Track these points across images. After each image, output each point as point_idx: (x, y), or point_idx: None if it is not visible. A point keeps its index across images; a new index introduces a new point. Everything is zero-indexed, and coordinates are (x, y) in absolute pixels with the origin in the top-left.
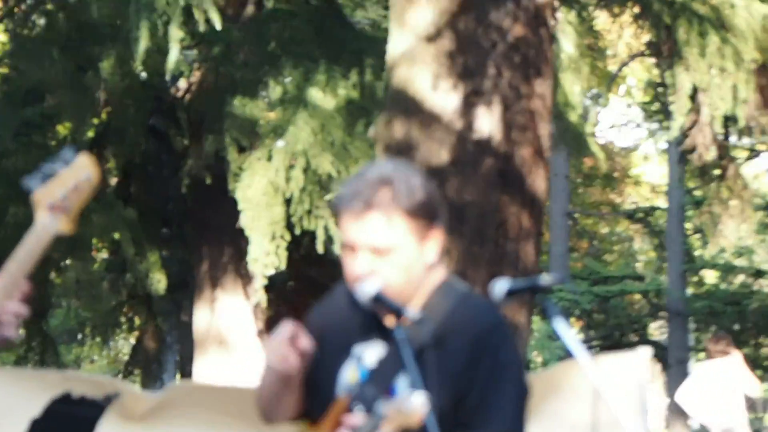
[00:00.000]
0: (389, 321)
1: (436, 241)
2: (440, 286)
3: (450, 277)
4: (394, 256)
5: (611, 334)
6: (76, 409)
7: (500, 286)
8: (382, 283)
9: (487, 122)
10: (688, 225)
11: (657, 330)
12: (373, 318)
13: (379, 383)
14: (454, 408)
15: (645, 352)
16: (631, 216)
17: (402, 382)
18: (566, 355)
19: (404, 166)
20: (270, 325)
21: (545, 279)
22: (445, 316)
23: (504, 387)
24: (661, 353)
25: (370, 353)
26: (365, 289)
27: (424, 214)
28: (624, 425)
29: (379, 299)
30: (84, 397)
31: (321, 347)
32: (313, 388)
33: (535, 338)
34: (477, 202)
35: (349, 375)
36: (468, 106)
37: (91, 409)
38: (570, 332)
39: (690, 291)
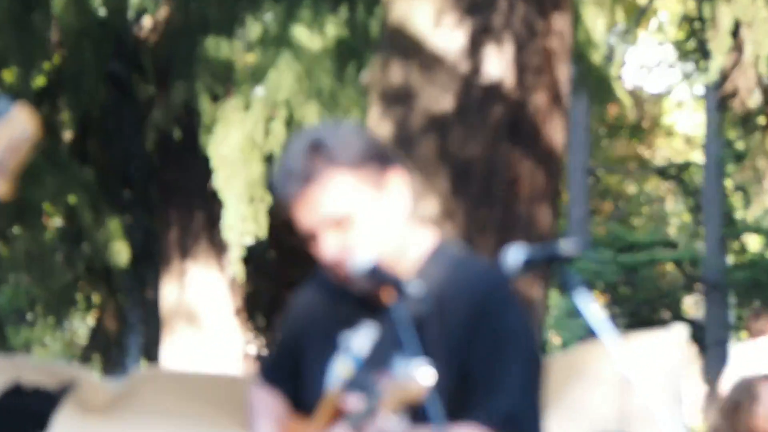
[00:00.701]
0: (383, 297)
1: (398, 183)
2: (434, 252)
3: (445, 240)
4: (358, 219)
5: (639, 310)
6: (27, 401)
7: (513, 253)
8: (372, 257)
9: (497, 64)
10: (727, 182)
11: (692, 305)
12: (359, 300)
13: (377, 369)
14: (458, 388)
15: (680, 329)
16: (662, 173)
17: (400, 360)
18: (588, 334)
19: (331, 123)
20: (248, 301)
21: (564, 246)
22: (440, 284)
23: (509, 359)
24: (697, 332)
25: (360, 340)
26: (358, 266)
27: (370, 157)
28: (656, 415)
29: (376, 273)
30: (36, 387)
31: (305, 340)
32: (300, 385)
33: (552, 316)
34: (484, 158)
35: (340, 368)
36: (475, 46)
37: (44, 402)
38: (593, 308)
39: (730, 260)
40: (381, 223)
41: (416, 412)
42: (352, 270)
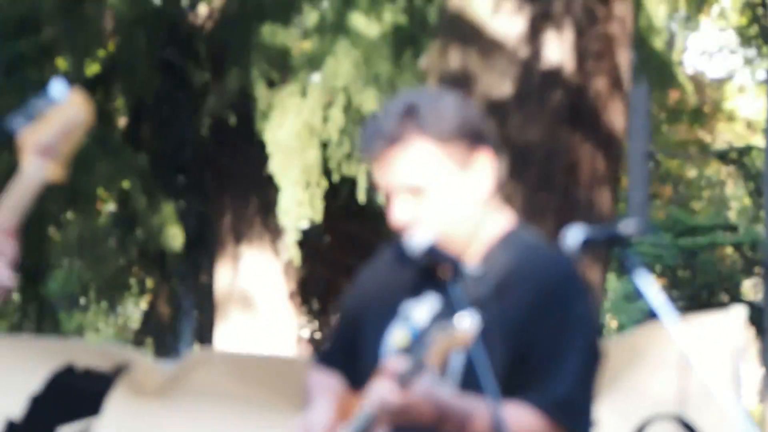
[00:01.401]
0: (443, 274)
1: (484, 165)
2: (506, 235)
3: (518, 225)
4: (434, 193)
5: (699, 293)
6: (82, 382)
7: (573, 234)
8: (434, 234)
9: (557, 50)
10: None
11: (752, 288)
12: (423, 272)
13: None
14: (515, 368)
15: (739, 311)
16: (722, 157)
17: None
18: (645, 318)
19: (434, 90)
20: (302, 286)
21: (625, 227)
22: (508, 268)
23: (570, 347)
24: (755, 315)
25: (420, 311)
26: (416, 242)
27: (461, 134)
28: (715, 398)
29: (432, 252)
30: (89, 369)
31: (368, 313)
32: (359, 358)
33: (609, 299)
34: (544, 142)
35: (398, 336)
36: (535, 32)
37: (99, 383)
38: (653, 290)
39: None
40: (455, 201)
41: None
42: (410, 246)
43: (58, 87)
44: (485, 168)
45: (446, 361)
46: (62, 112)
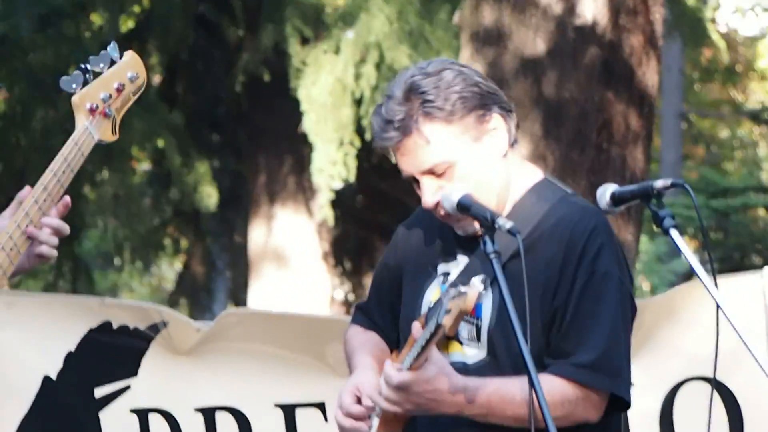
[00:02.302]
0: (476, 229)
1: (498, 129)
2: (535, 187)
3: (548, 176)
4: (455, 169)
5: (731, 255)
6: (118, 339)
7: (607, 191)
8: (465, 189)
9: (591, 5)
10: None
11: None
12: (460, 235)
13: None
14: (548, 323)
15: None
16: (756, 117)
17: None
18: (678, 280)
19: (432, 63)
20: (335, 246)
21: (660, 183)
22: (538, 220)
23: (603, 301)
24: None
25: (455, 271)
26: (449, 198)
27: (469, 108)
28: (750, 358)
29: (464, 205)
30: (126, 326)
31: (406, 270)
32: (401, 315)
33: (641, 261)
34: (577, 100)
35: (433, 295)
36: None
37: (135, 341)
38: (687, 248)
39: None
40: (478, 170)
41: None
42: (445, 203)
43: (112, 48)
44: (498, 131)
45: (459, 322)
46: (117, 72)
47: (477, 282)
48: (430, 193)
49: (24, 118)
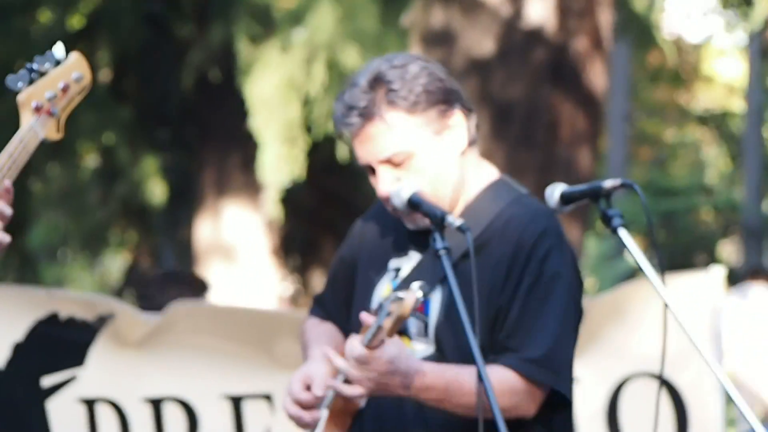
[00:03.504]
0: (428, 225)
1: (458, 126)
2: (490, 187)
3: (504, 177)
4: (413, 160)
5: (676, 254)
6: (65, 331)
7: (555, 190)
8: (417, 187)
9: (539, 7)
10: (767, 131)
11: (729, 252)
12: (413, 231)
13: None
14: (491, 321)
15: (718, 271)
16: (702, 120)
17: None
18: (623, 279)
19: (398, 56)
20: (284, 242)
21: (609, 183)
22: (490, 219)
23: (549, 302)
24: (733, 278)
25: (407, 266)
26: (399, 194)
27: (432, 102)
28: (697, 355)
29: (414, 203)
30: (73, 318)
31: (360, 263)
32: (351, 308)
33: (587, 259)
34: (525, 100)
35: (384, 290)
36: None
37: (82, 332)
38: (635, 247)
39: None
40: (435, 164)
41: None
42: (395, 199)
43: (58, 49)
44: (458, 128)
45: (398, 328)
46: (62, 72)
47: (416, 288)
48: (386, 183)
49: None
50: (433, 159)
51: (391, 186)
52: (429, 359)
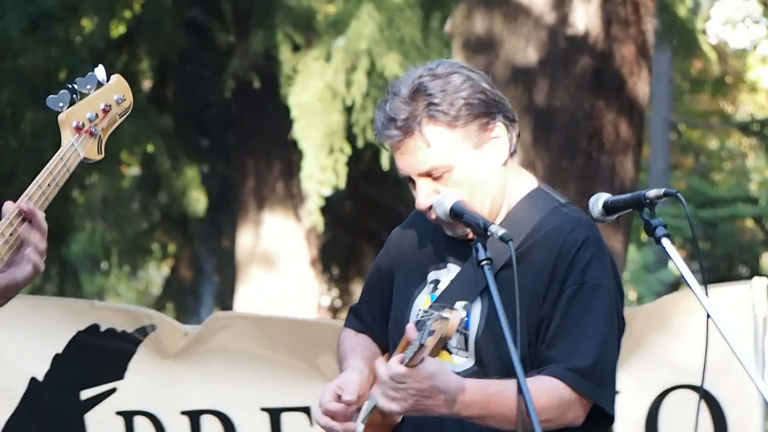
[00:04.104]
0: (469, 236)
1: (499, 138)
2: (529, 196)
3: (543, 185)
4: (453, 173)
5: (718, 265)
6: (106, 342)
7: (599, 199)
8: (459, 196)
9: (583, 15)
10: None
11: None
12: (451, 239)
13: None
14: (533, 332)
15: (761, 282)
16: (744, 128)
17: (459, 303)
18: (665, 290)
19: (441, 64)
20: (323, 252)
21: (653, 193)
22: (531, 229)
23: (592, 313)
24: None
25: (446, 278)
26: (442, 203)
27: (474, 116)
28: (738, 367)
29: (456, 212)
30: (114, 329)
31: (397, 274)
32: (390, 319)
33: (629, 270)
34: (568, 108)
35: (422, 302)
36: None
37: (123, 344)
38: (678, 257)
39: None
40: (475, 177)
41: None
42: (438, 208)
43: (100, 71)
44: (500, 141)
45: (441, 346)
46: (104, 93)
47: (460, 308)
48: (425, 195)
49: (13, 120)
50: (472, 172)
51: (430, 198)
52: (469, 373)
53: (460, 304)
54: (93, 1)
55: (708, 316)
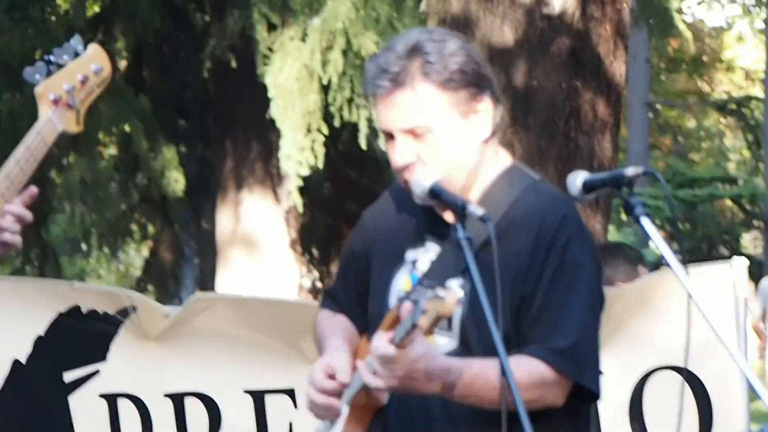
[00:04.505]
0: (448, 216)
1: (485, 113)
2: (505, 173)
3: (517, 163)
4: (435, 136)
5: (698, 246)
6: (87, 324)
7: (577, 178)
8: (436, 176)
9: None
10: None
11: (751, 242)
12: (428, 218)
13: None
14: (515, 311)
15: (741, 261)
16: (722, 107)
17: (451, 282)
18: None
19: (438, 30)
20: (303, 233)
21: (632, 171)
22: (508, 206)
23: (573, 291)
24: (755, 269)
25: (424, 258)
26: (420, 183)
27: (465, 83)
28: (721, 345)
29: (435, 192)
30: (95, 310)
31: (373, 256)
32: (368, 301)
33: None
34: (545, 88)
35: (403, 282)
36: None
37: (105, 325)
38: (659, 236)
39: None
40: (455, 146)
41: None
42: (414, 187)
43: (76, 41)
44: (485, 116)
45: (437, 326)
46: (81, 64)
47: (455, 287)
48: (402, 153)
49: None
50: (453, 140)
51: (406, 156)
52: (452, 353)
53: (455, 283)
54: None
55: (689, 296)
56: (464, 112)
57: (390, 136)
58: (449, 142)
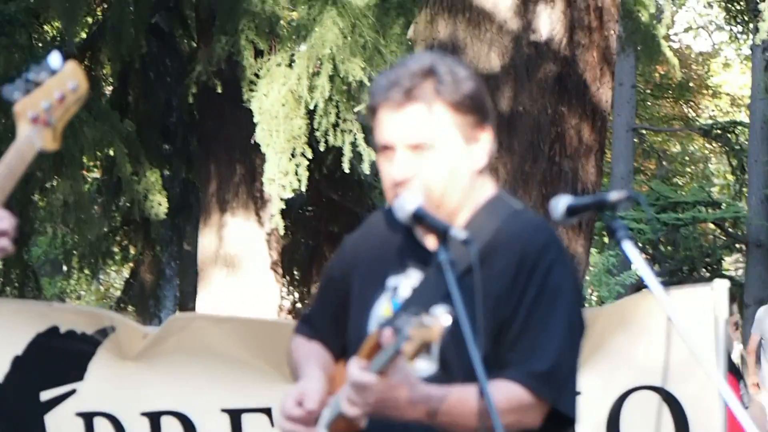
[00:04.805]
0: (430, 242)
1: (485, 143)
2: (490, 201)
3: (502, 192)
4: (436, 153)
5: (680, 268)
6: (65, 344)
7: (561, 202)
8: (422, 195)
9: (547, 21)
10: None
11: (733, 264)
12: (410, 244)
13: (415, 313)
14: (495, 335)
15: (722, 284)
16: (706, 132)
17: (437, 308)
18: (626, 293)
19: (449, 57)
20: (285, 255)
21: (615, 195)
22: (491, 234)
23: (553, 316)
24: (737, 291)
25: (405, 284)
26: (404, 204)
27: (472, 109)
28: (700, 367)
29: (419, 215)
30: (74, 330)
31: (354, 282)
32: (348, 326)
33: (590, 272)
34: (531, 113)
35: (383, 309)
36: (525, 2)
37: (83, 345)
38: (640, 259)
39: None
40: (453, 169)
41: (452, 362)
42: (398, 208)
43: (54, 58)
44: (484, 147)
45: (421, 353)
46: (58, 81)
47: (442, 314)
48: (403, 166)
49: None
50: (453, 161)
51: (405, 171)
52: (432, 377)
53: (442, 310)
54: (57, 6)
55: (669, 317)
56: (468, 137)
57: (386, 149)
58: (449, 163)
